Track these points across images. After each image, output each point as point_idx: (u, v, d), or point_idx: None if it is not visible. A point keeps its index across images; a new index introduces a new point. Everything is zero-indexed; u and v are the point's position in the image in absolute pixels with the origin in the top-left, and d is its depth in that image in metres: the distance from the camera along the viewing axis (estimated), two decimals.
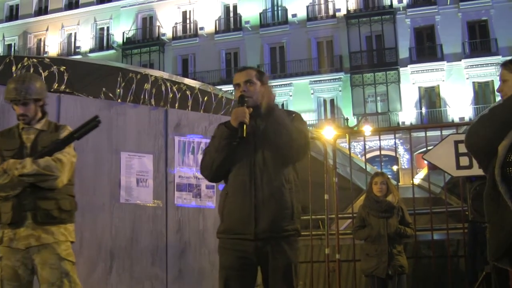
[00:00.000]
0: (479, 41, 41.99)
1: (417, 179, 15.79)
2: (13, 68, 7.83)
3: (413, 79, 41.80)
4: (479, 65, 40.97)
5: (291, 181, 4.72)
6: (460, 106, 40.36)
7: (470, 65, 41.14)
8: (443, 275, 9.49)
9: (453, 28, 41.69)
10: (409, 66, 41.79)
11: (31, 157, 5.05)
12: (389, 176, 9.56)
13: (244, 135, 4.56)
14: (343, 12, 44.45)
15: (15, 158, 5.06)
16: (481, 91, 41.40)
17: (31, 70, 7.96)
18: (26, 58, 8.13)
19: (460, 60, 41.22)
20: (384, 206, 8.64)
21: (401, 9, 43.34)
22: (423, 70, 41.53)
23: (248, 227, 4.53)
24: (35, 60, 8.20)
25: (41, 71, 7.99)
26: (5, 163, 5.01)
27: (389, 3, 43.73)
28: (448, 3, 42.38)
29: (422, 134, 10.41)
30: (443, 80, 41.33)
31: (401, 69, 41.96)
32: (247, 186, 4.58)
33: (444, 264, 9.53)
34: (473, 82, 41.28)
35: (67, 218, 5.24)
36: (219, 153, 4.67)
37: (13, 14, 56.93)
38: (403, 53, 42.54)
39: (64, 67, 8.37)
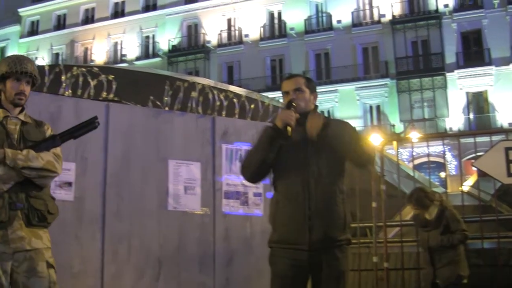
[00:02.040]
0: None
1: (466, 186, 15.62)
2: (63, 77, 7.91)
3: (460, 84, 41.29)
4: None
5: (344, 191, 4.72)
6: (509, 111, 39.74)
7: None
8: (494, 284, 9.35)
9: (501, 31, 41.06)
10: (456, 71, 41.31)
11: (22, 149, 4.57)
12: (436, 183, 9.49)
13: (289, 134, 4.55)
14: (388, 17, 44.18)
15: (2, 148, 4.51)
16: None
17: (80, 78, 8.04)
18: (75, 67, 8.21)
19: (509, 64, 40.57)
20: (421, 223, 8.63)
21: (447, 14, 42.86)
22: (471, 75, 40.97)
23: (303, 237, 4.53)
24: (84, 69, 8.28)
25: (89, 80, 8.07)
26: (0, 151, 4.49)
27: (435, 8, 43.30)
28: (496, 6, 41.79)
29: (470, 140, 10.30)
30: (491, 85, 40.73)
31: (448, 75, 41.51)
32: (300, 196, 4.57)
33: (494, 273, 9.39)
34: None
35: (51, 222, 4.76)
36: (259, 151, 4.68)
37: (60, 23, 57.71)
38: (450, 58, 42.08)
39: (113, 76, 8.43)
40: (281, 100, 4.93)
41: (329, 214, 4.57)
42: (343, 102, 43.56)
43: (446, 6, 42.84)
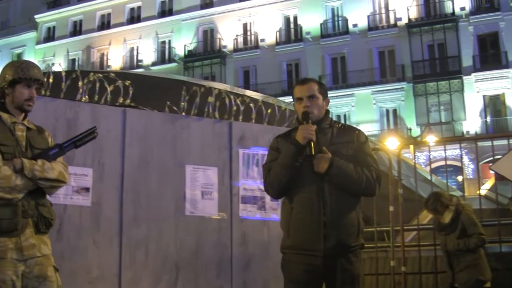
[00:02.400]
0: None
1: (483, 190, 15.55)
2: (80, 83, 7.95)
3: (477, 88, 41.08)
4: None
5: (357, 198, 4.73)
6: None
7: None
8: None
9: None
10: (472, 74, 41.09)
11: (34, 157, 4.63)
12: (454, 187, 9.48)
13: (313, 153, 4.54)
14: (405, 21, 44.04)
15: (14, 156, 4.55)
16: None
17: (97, 84, 8.07)
18: (92, 73, 8.24)
19: None
20: (438, 227, 8.64)
21: (463, 17, 42.67)
22: (488, 78, 40.73)
23: (317, 244, 4.54)
24: (100, 75, 8.31)
25: (106, 85, 8.10)
26: (17, 161, 4.53)
27: (451, 11, 43.12)
28: None
29: (487, 143, 10.25)
30: (509, 88, 40.47)
31: (465, 78, 41.31)
32: (315, 203, 4.57)
33: None
34: None
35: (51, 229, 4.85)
36: (286, 171, 4.65)
37: (76, 29, 58.04)
38: (467, 61, 41.87)
39: (129, 81, 8.46)
40: None
41: (343, 221, 4.57)
42: (360, 106, 43.47)
43: (462, 9, 42.63)
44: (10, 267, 4.45)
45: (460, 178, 35.63)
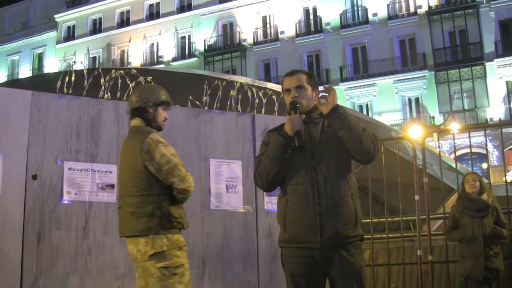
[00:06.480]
0: None
1: (509, 177, 15.44)
2: (102, 80, 7.96)
3: (500, 74, 40.80)
4: None
5: (353, 187, 4.65)
6: None
7: None
8: None
9: None
10: (495, 60, 40.82)
11: None
12: (479, 174, 9.38)
13: (298, 144, 4.53)
14: (425, 8, 43.84)
15: None
16: None
17: (119, 81, 8.08)
18: (113, 70, 8.24)
19: None
20: (478, 205, 8.44)
21: (484, 2, 42.34)
22: (510, 64, 40.46)
23: (314, 236, 4.46)
24: (122, 72, 8.32)
25: (128, 82, 8.10)
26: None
27: None
28: None
29: None
30: None
31: (487, 64, 41.04)
32: (309, 194, 4.51)
33: None
34: None
35: None
36: (274, 162, 4.59)
37: (96, 27, 58.42)
38: (489, 47, 41.59)
39: (151, 78, 8.46)
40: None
41: (339, 211, 4.50)
42: (382, 96, 43.34)
43: None
44: None
45: (485, 165, 35.44)
